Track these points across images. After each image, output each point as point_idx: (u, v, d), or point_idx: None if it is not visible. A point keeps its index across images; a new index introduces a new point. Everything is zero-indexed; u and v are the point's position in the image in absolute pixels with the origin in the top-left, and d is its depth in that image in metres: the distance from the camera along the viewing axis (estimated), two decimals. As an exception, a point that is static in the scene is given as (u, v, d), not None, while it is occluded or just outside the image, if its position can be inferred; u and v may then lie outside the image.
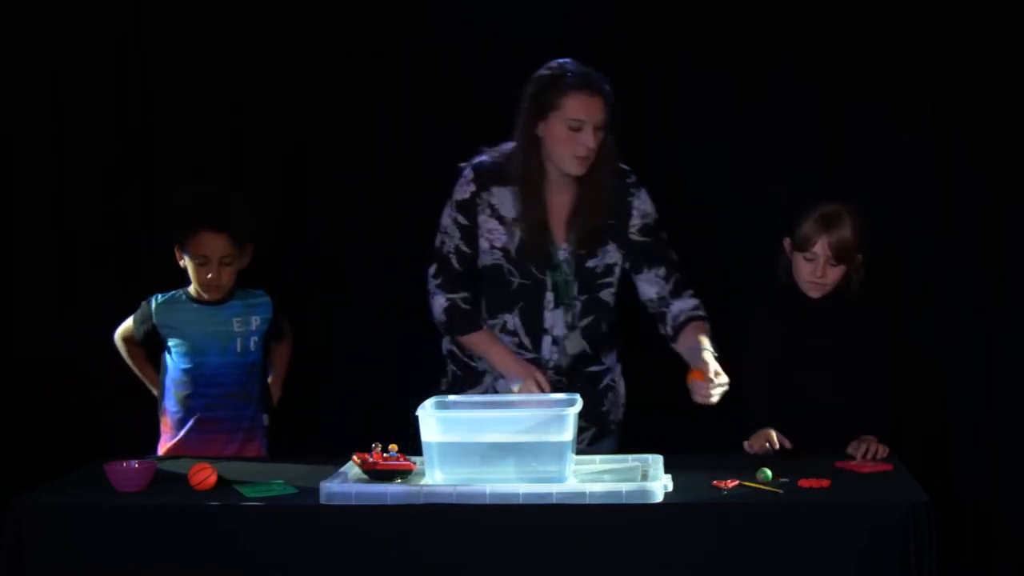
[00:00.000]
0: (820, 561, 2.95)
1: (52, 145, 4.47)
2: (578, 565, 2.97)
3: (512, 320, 3.65)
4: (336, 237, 4.47)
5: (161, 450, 3.81)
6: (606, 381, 3.76)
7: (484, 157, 3.65)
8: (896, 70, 4.32)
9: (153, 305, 3.82)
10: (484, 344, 3.63)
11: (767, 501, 3.05)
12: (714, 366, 3.38)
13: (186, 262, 3.77)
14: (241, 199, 3.83)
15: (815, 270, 3.64)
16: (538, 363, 3.62)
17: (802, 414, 3.57)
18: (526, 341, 3.65)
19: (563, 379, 3.64)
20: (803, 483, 3.13)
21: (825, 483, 3.13)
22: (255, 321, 3.84)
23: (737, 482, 3.13)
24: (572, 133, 3.49)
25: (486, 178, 3.62)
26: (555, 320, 3.64)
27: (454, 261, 3.65)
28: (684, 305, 3.62)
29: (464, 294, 3.65)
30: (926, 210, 4.32)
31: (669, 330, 3.62)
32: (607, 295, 3.68)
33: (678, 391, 4.32)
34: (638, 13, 4.35)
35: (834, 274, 3.66)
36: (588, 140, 3.49)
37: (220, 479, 3.20)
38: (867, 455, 3.42)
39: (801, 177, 4.31)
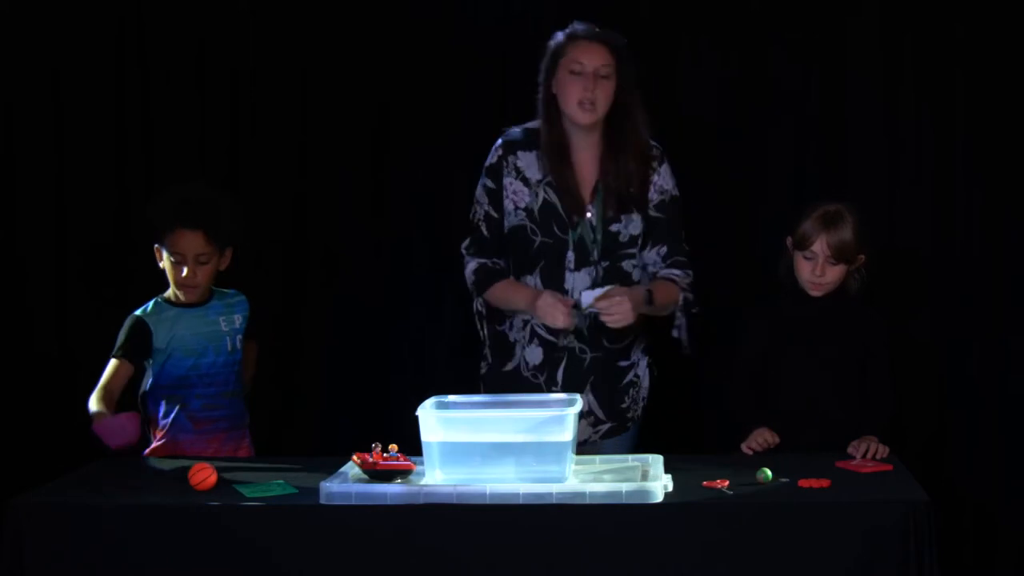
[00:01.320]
0: (820, 561, 2.95)
1: (52, 146, 4.47)
2: (578, 565, 2.96)
3: (533, 281, 3.69)
4: (334, 237, 4.47)
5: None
6: (630, 377, 3.78)
7: (515, 128, 3.75)
8: (896, 70, 4.32)
9: (143, 316, 3.78)
10: (508, 291, 3.69)
11: (767, 501, 3.05)
12: (614, 291, 3.50)
13: (164, 262, 3.77)
14: (222, 199, 3.81)
15: (814, 269, 3.65)
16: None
17: (801, 414, 3.57)
18: None
19: (586, 346, 3.68)
20: (803, 483, 3.13)
21: (825, 483, 3.13)
22: (237, 319, 3.84)
23: (728, 482, 3.13)
24: (574, 78, 3.58)
25: (513, 144, 3.72)
26: (575, 283, 3.67)
27: (483, 229, 3.74)
28: (667, 272, 3.70)
29: (495, 259, 3.74)
30: (926, 210, 4.32)
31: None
32: (629, 266, 3.71)
33: (678, 392, 4.35)
34: (639, 13, 4.35)
35: (833, 273, 3.66)
36: (588, 83, 3.56)
37: (220, 479, 3.20)
38: (867, 455, 3.42)
39: (801, 177, 4.31)
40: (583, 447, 3.58)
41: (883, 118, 4.33)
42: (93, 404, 3.65)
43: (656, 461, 3.27)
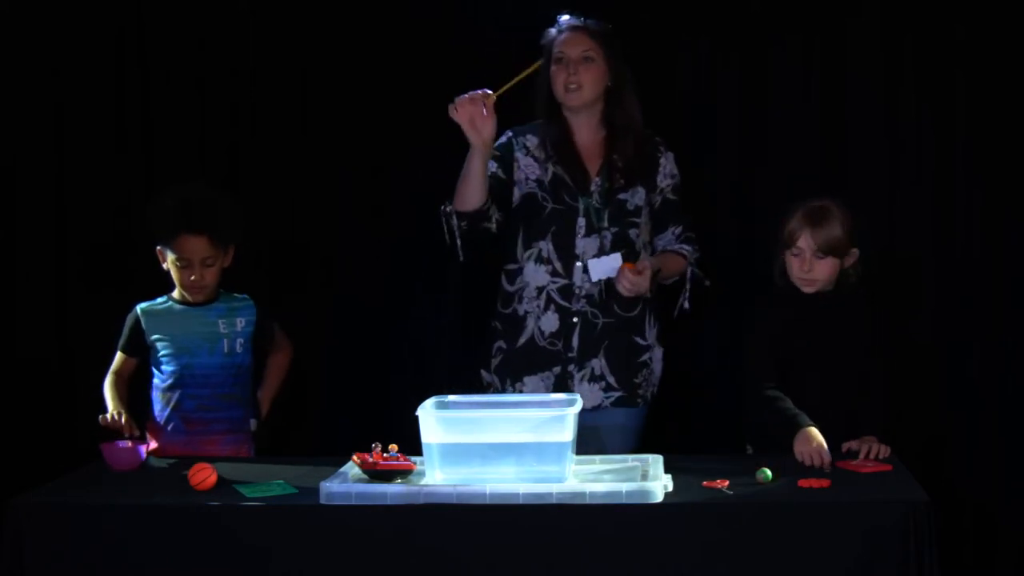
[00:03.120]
0: (820, 561, 2.95)
1: (52, 146, 4.47)
2: (578, 565, 2.96)
3: (546, 247, 3.82)
4: (334, 237, 4.47)
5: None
6: (644, 357, 3.87)
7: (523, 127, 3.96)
8: (896, 71, 4.32)
9: (138, 311, 3.83)
10: (463, 173, 3.72)
11: (767, 501, 3.05)
12: (644, 265, 3.71)
13: (169, 264, 3.78)
14: (222, 200, 3.83)
15: (802, 264, 3.63)
16: (569, 290, 3.79)
17: (808, 412, 3.55)
18: (558, 267, 3.81)
19: (598, 312, 3.80)
20: (803, 483, 3.13)
21: (825, 483, 3.13)
22: (240, 323, 3.84)
23: (728, 482, 3.13)
24: (560, 66, 3.82)
25: (522, 129, 3.91)
26: (586, 248, 3.81)
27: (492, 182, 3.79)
28: (677, 247, 3.90)
29: None
30: (926, 210, 4.32)
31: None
32: (634, 235, 3.84)
33: (680, 390, 4.35)
34: (639, 14, 4.35)
35: (823, 267, 3.63)
36: (572, 68, 3.79)
37: (220, 479, 3.20)
38: (868, 455, 3.42)
39: (801, 177, 4.31)
40: (592, 413, 3.69)
41: (883, 118, 4.33)
42: (106, 390, 3.78)
43: (656, 461, 3.27)
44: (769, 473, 3.17)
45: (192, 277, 3.75)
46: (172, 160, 4.45)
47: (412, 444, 3.18)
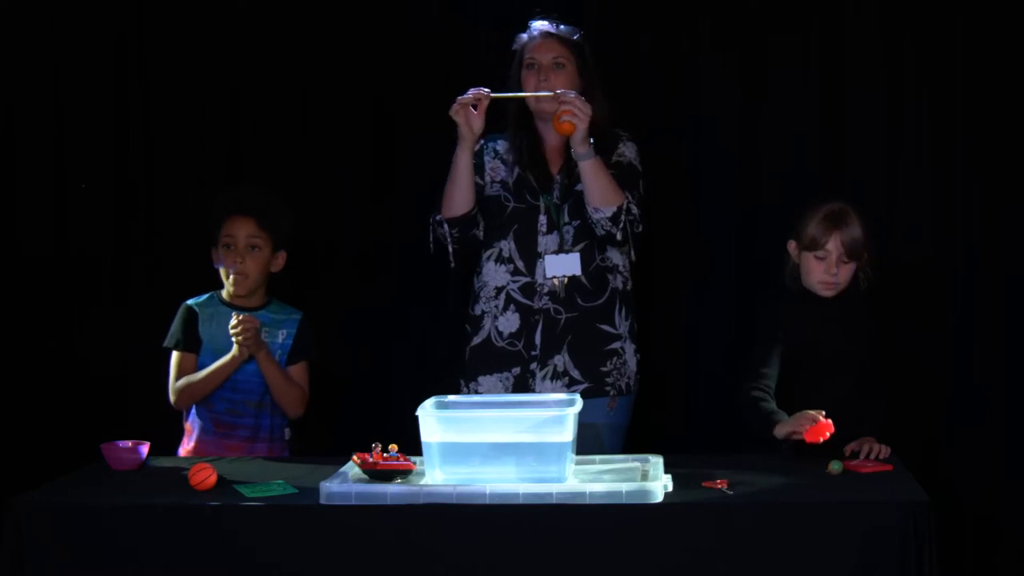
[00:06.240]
0: (820, 561, 2.95)
1: (52, 146, 4.47)
2: (578, 565, 2.97)
3: (507, 245, 3.84)
4: (335, 236, 4.47)
5: (181, 452, 3.81)
6: (614, 345, 3.84)
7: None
8: (896, 70, 4.32)
9: (191, 305, 3.82)
10: (451, 172, 3.79)
11: (767, 501, 3.05)
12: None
13: (220, 257, 3.80)
14: (273, 198, 3.88)
15: (828, 268, 3.63)
16: (532, 288, 3.80)
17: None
18: (520, 265, 3.82)
19: (560, 307, 3.79)
20: (863, 469, 3.28)
21: (887, 468, 3.27)
22: (281, 334, 3.83)
23: (727, 482, 3.13)
24: (530, 72, 3.84)
25: (492, 137, 3.94)
26: (548, 244, 3.82)
27: None
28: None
29: None
30: (926, 210, 4.32)
31: None
32: None
33: (679, 391, 4.35)
34: (639, 13, 4.35)
35: (846, 271, 3.65)
36: (543, 75, 3.80)
37: (220, 479, 3.21)
38: (868, 455, 3.42)
39: (801, 177, 4.31)
40: None
41: (883, 117, 4.33)
42: (190, 381, 3.75)
43: (656, 461, 3.27)
44: (838, 464, 3.23)
45: (236, 259, 3.75)
46: (172, 160, 4.45)
47: (412, 444, 3.18)
